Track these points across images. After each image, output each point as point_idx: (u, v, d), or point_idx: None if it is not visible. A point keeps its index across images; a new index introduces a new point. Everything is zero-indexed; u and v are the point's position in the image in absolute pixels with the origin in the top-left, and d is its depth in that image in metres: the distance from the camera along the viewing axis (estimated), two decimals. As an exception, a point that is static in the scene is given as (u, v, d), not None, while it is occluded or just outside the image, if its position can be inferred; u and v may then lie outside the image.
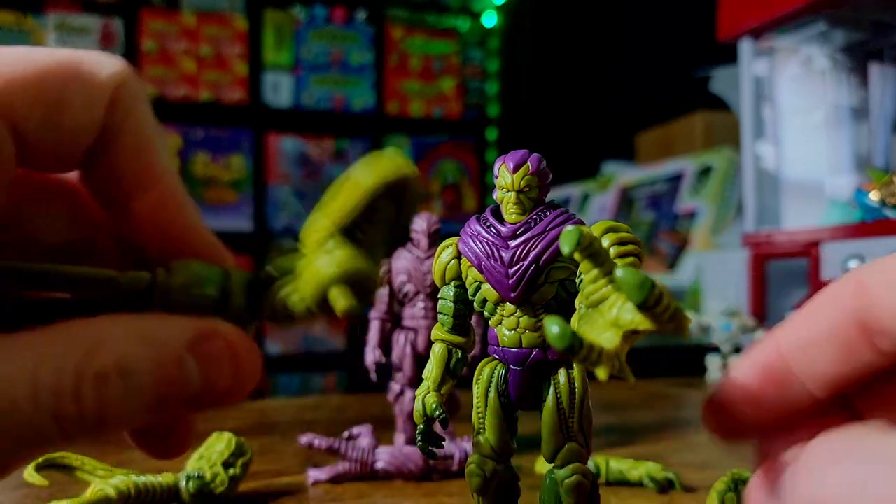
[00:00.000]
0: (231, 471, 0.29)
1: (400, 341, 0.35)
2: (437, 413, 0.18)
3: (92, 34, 1.26)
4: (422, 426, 0.18)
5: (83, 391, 0.11)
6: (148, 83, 1.28)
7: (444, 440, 0.19)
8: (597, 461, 0.32)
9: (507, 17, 1.51)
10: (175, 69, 1.29)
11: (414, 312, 0.35)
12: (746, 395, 0.14)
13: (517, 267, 0.17)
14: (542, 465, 0.32)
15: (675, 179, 1.15)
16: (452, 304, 0.19)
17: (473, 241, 0.18)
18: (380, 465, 0.33)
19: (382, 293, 0.35)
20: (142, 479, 0.27)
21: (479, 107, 1.49)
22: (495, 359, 0.19)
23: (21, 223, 0.13)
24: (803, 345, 0.13)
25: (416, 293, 0.34)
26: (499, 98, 1.50)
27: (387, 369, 0.36)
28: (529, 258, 0.17)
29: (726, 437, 0.14)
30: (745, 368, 0.14)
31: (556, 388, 0.18)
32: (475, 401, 0.19)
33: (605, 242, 0.16)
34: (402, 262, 0.34)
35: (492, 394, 0.18)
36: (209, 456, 0.29)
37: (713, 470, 0.32)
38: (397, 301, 0.35)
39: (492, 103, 1.50)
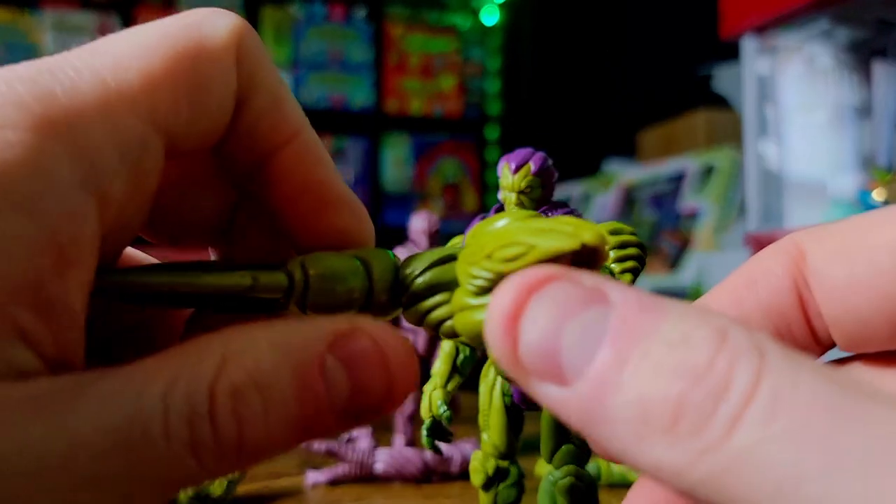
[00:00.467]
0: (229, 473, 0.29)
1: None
2: (442, 411, 0.18)
3: (88, 31, 1.25)
4: (428, 422, 0.18)
5: (218, 411, 0.09)
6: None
7: (451, 435, 0.19)
8: (598, 463, 0.32)
9: (507, 14, 1.50)
10: (173, 67, 1.29)
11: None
12: None
13: None
14: (542, 468, 0.32)
15: (678, 179, 1.15)
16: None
17: None
18: (379, 467, 0.32)
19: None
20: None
21: (480, 105, 1.49)
22: None
23: (176, 210, 0.12)
24: (735, 315, 0.11)
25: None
26: (499, 96, 1.50)
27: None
28: None
29: None
30: None
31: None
32: (481, 399, 0.19)
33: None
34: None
35: (496, 393, 0.19)
36: (206, 458, 0.29)
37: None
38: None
39: (492, 101, 1.50)
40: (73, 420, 0.09)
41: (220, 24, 0.11)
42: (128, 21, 1.27)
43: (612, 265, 0.17)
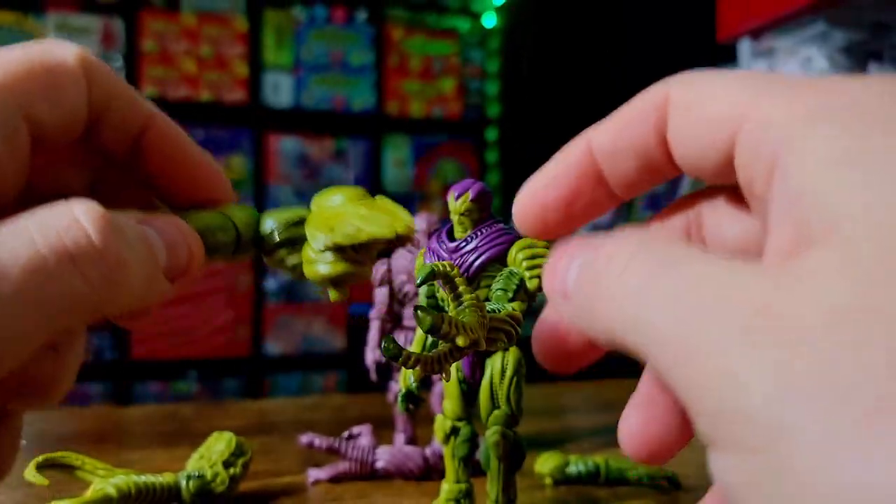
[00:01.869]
0: (231, 470, 0.29)
1: (400, 341, 0.35)
2: (411, 382, 0.23)
3: (92, 34, 1.26)
4: (403, 391, 0.23)
5: (88, 231, 0.12)
6: (148, 84, 1.28)
7: (422, 400, 0.24)
8: (596, 461, 0.32)
9: (506, 17, 1.51)
10: (175, 70, 1.29)
11: (414, 312, 0.35)
12: (560, 192, 0.14)
13: None
14: (540, 466, 0.32)
15: (675, 179, 1.15)
16: (425, 297, 0.24)
17: (431, 253, 0.23)
18: (380, 464, 0.33)
19: (382, 293, 0.35)
20: (142, 478, 0.27)
21: (479, 107, 1.49)
22: None
23: (49, 187, 0.15)
24: (610, 149, 0.14)
25: (416, 293, 0.34)
26: (499, 98, 1.50)
27: (387, 369, 0.36)
28: (463, 267, 0.22)
29: (539, 234, 0.15)
30: (557, 168, 0.15)
31: (491, 367, 0.24)
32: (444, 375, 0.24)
33: (520, 256, 0.21)
34: (402, 262, 0.34)
35: (453, 370, 0.24)
36: (209, 456, 0.29)
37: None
38: (397, 301, 0.35)
39: (492, 103, 1.50)
40: None
41: (67, 47, 0.14)
42: (131, 24, 1.28)
43: (525, 272, 0.21)
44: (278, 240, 0.16)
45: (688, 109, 0.13)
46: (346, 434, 0.33)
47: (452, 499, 0.25)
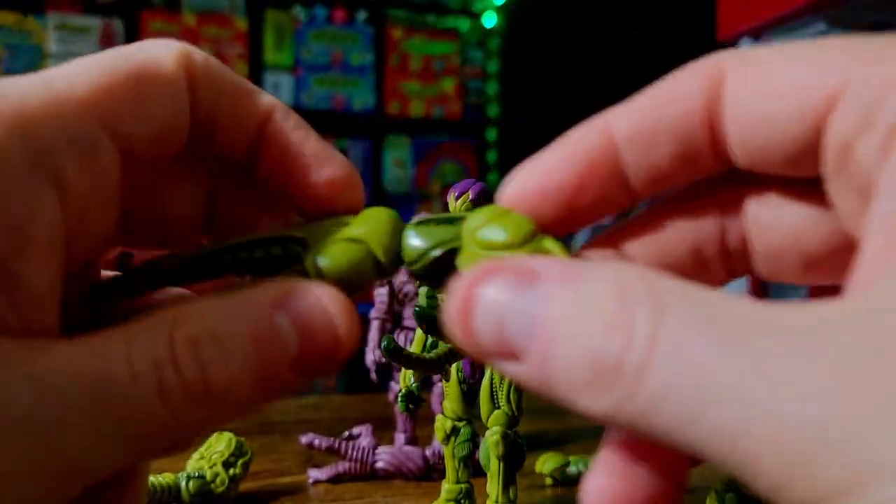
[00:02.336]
0: (231, 471, 0.29)
1: (400, 341, 0.35)
2: (411, 383, 0.24)
3: (92, 35, 1.26)
4: (404, 391, 0.23)
5: (180, 356, 0.10)
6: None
7: (423, 401, 0.25)
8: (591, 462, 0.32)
9: (507, 17, 1.51)
10: (176, 69, 1.29)
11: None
12: (564, 179, 0.11)
13: None
14: (540, 466, 0.32)
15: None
16: (426, 297, 0.24)
17: None
18: (380, 464, 0.33)
19: (382, 293, 0.35)
20: (142, 478, 0.27)
21: (480, 107, 1.49)
22: None
23: (159, 206, 0.14)
24: (637, 133, 0.11)
25: (416, 293, 0.34)
26: (499, 98, 1.50)
27: (387, 369, 0.36)
28: None
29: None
30: (563, 151, 0.12)
31: (491, 368, 0.24)
32: (444, 375, 0.25)
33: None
34: (403, 263, 0.34)
35: (453, 370, 0.24)
36: (209, 456, 0.29)
37: (712, 470, 0.32)
38: (397, 301, 0.35)
39: (492, 103, 1.50)
40: (37, 370, 0.09)
41: (163, 48, 0.12)
42: (132, 24, 1.28)
43: None
44: (422, 271, 0.13)
45: (756, 80, 0.10)
46: (346, 434, 0.33)
47: (453, 499, 0.25)
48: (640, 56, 1.38)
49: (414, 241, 0.12)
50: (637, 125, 0.11)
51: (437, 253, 0.12)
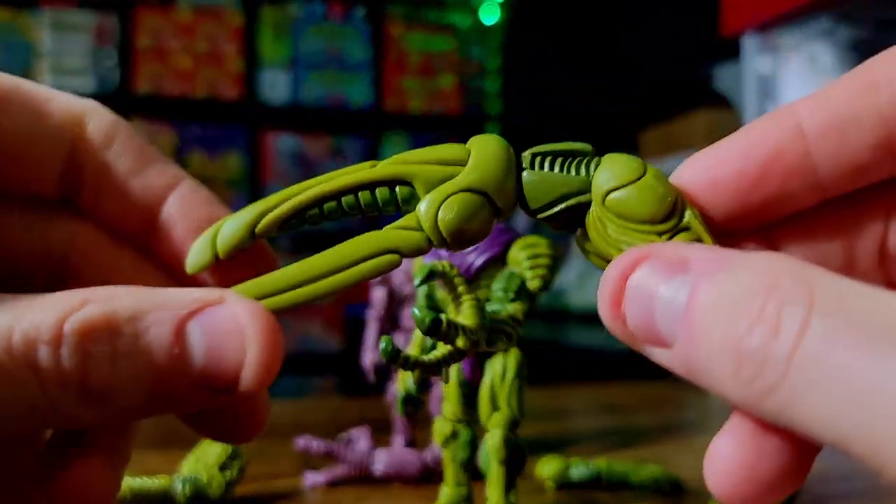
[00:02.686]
0: (227, 473, 0.29)
1: (398, 343, 0.34)
2: (410, 385, 0.23)
3: (87, 31, 1.25)
4: (402, 394, 0.23)
5: (62, 342, 0.09)
6: (143, 80, 1.27)
7: (422, 403, 0.24)
8: (598, 464, 0.32)
9: (506, 13, 1.50)
10: (170, 66, 1.28)
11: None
12: (743, 169, 0.10)
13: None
14: (541, 469, 0.32)
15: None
16: (424, 298, 0.23)
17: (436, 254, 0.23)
18: (378, 468, 0.32)
19: (380, 294, 0.34)
20: (136, 481, 0.27)
21: (479, 104, 1.48)
22: None
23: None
24: (835, 121, 0.10)
25: (415, 294, 0.34)
26: (499, 95, 1.49)
27: (385, 371, 0.35)
28: (463, 267, 0.22)
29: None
30: (744, 139, 0.11)
31: (491, 369, 0.23)
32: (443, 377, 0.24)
33: (521, 255, 0.20)
34: (401, 262, 0.34)
35: (453, 372, 0.24)
36: (205, 459, 0.29)
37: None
38: (395, 302, 0.35)
39: (492, 100, 1.49)
40: None
41: (72, 102, 0.12)
42: (126, 21, 1.27)
43: (526, 272, 0.20)
44: (543, 220, 0.12)
45: None
46: (343, 437, 0.33)
47: (452, 503, 0.25)
48: (642, 52, 1.38)
49: (537, 191, 0.12)
50: (833, 113, 0.10)
51: (561, 207, 0.12)
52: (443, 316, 0.14)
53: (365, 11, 1.41)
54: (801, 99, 0.11)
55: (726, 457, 0.10)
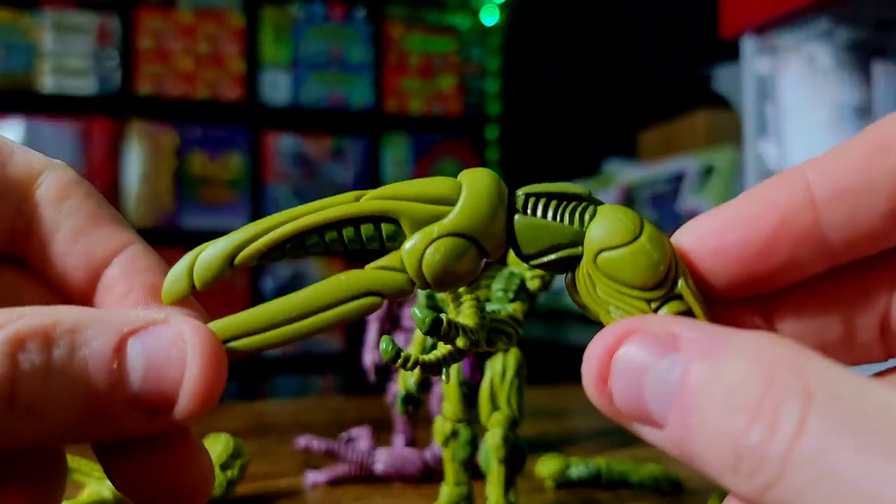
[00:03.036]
0: (228, 473, 0.29)
1: (399, 342, 0.34)
2: (410, 384, 0.23)
3: (88, 32, 1.25)
4: (403, 394, 0.23)
5: None
6: (145, 81, 1.27)
7: (422, 402, 0.24)
8: (598, 463, 0.32)
9: (507, 14, 1.50)
10: (172, 67, 1.29)
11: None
12: (750, 237, 0.10)
13: None
14: (541, 468, 0.32)
15: (678, 179, 1.15)
16: (425, 298, 0.24)
17: None
18: (378, 467, 0.32)
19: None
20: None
21: (479, 105, 1.49)
22: None
23: None
24: (846, 187, 0.10)
25: (415, 294, 0.34)
26: (499, 96, 1.49)
27: (385, 371, 0.35)
28: None
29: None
30: (752, 203, 0.10)
31: (491, 369, 0.24)
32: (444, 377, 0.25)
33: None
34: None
35: (453, 372, 0.24)
36: (205, 458, 0.29)
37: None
38: (396, 301, 0.35)
39: (492, 101, 1.49)
40: None
41: (25, 161, 0.12)
42: (127, 22, 1.27)
43: (526, 273, 0.20)
44: (533, 267, 0.12)
45: None
46: (344, 436, 0.33)
47: (452, 502, 0.25)
48: (642, 52, 1.38)
49: (528, 238, 0.11)
50: (844, 178, 0.10)
51: (552, 258, 0.11)
52: (443, 316, 0.14)
53: (365, 12, 1.41)
54: (810, 161, 0.10)
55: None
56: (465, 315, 0.16)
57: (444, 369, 0.16)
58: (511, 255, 0.22)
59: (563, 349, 1.26)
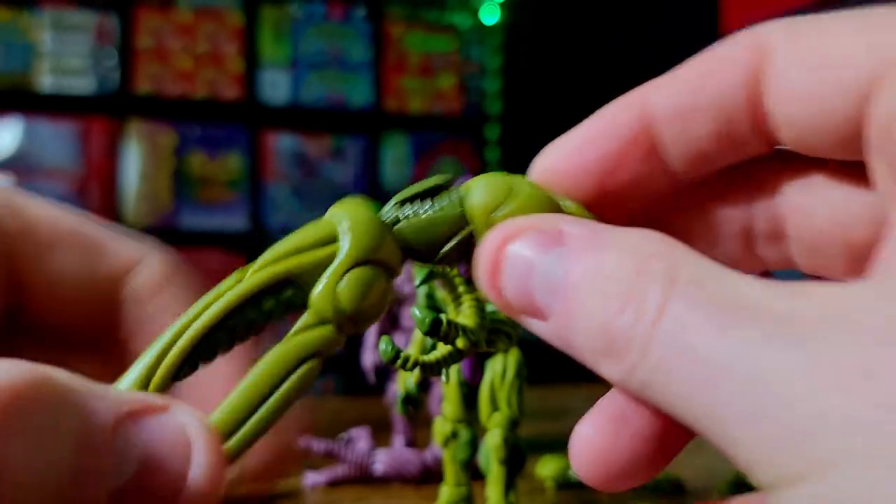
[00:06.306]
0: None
1: (398, 343, 0.34)
2: (410, 385, 0.23)
3: (87, 31, 1.25)
4: (402, 394, 0.23)
5: None
6: (144, 81, 1.27)
7: (421, 403, 0.24)
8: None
9: (507, 13, 1.50)
10: (171, 66, 1.28)
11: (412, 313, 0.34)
12: (600, 155, 0.11)
13: None
14: (541, 469, 0.32)
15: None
16: (424, 298, 0.24)
17: None
18: (378, 467, 0.32)
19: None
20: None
21: (480, 104, 1.48)
22: None
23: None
24: (677, 110, 0.10)
25: (415, 294, 0.34)
26: (499, 95, 1.49)
27: (385, 371, 0.35)
28: (463, 268, 0.22)
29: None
30: (597, 127, 0.11)
31: (491, 369, 0.24)
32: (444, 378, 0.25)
33: None
34: (401, 262, 0.34)
35: (453, 372, 0.24)
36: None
37: (715, 472, 0.32)
38: (395, 301, 0.35)
39: (492, 100, 1.49)
40: None
41: (117, 253, 0.12)
42: (126, 21, 1.27)
43: None
44: (439, 263, 0.12)
45: (800, 53, 0.10)
46: (343, 437, 0.33)
47: (452, 503, 0.25)
48: (643, 51, 1.38)
49: (418, 238, 0.11)
50: (676, 101, 0.11)
51: (448, 247, 0.11)
52: (443, 316, 0.14)
53: (365, 12, 1.41)
54: (653, 82, 0.11)
55: (585, 440, 0.11)
56: (465, 315, 0.16)
57: (443, 370, 0.15)
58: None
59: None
